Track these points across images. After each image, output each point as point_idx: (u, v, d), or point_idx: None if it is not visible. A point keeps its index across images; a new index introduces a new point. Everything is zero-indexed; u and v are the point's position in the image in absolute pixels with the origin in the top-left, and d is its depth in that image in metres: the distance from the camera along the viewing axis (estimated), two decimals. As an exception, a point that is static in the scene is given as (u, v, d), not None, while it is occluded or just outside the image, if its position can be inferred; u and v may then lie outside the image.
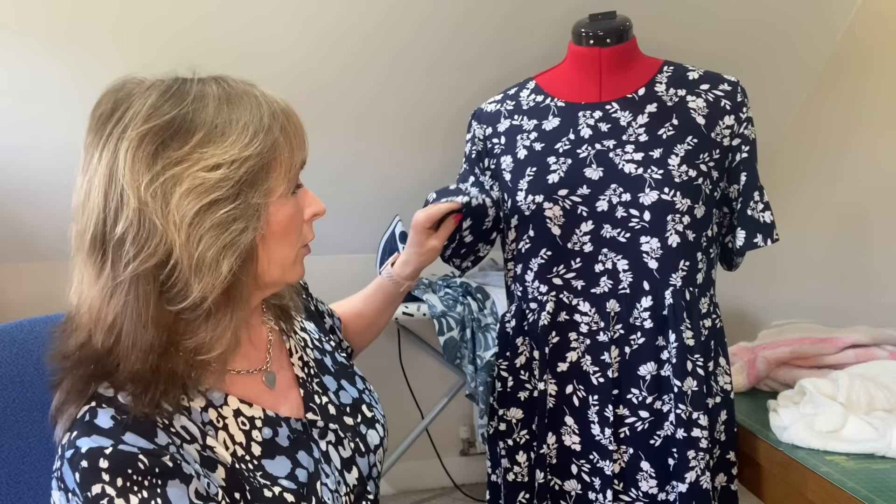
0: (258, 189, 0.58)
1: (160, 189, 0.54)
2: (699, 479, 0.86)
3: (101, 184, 0.55)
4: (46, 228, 1.83)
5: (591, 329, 0.91)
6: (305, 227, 0.66)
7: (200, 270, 0.55)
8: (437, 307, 1.75)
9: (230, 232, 0.56)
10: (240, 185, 0.56)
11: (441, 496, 2.20)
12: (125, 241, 0.54)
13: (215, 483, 0.56)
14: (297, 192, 0.64)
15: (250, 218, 0.57)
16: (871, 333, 1.11)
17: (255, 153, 0.57)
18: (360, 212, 1.99)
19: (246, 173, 0.56)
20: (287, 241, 0.63)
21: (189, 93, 0.57)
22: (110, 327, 0.55)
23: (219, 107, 0.57)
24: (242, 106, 0.58)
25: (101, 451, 0.51)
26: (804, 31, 1.73)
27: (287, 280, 0.66)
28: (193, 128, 0.56)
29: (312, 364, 0.74)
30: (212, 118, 0.56)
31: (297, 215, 0.64)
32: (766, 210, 0.92)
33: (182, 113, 0.56)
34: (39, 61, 1.51)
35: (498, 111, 1.02)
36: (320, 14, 1.54)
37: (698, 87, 0.94)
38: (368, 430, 0.73)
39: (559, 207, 0.91)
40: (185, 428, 0.58)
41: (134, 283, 0.54)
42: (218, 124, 0.56)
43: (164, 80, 0.59)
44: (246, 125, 0.57)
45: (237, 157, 0.56)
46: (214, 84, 0.59)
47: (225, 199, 0.55)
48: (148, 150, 0.54)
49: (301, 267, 0.67)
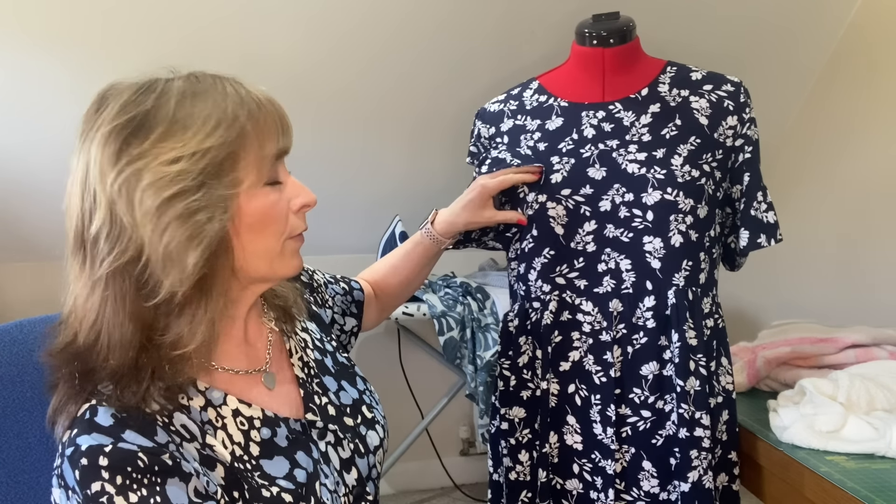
0: (222, 179, 0.57)
1: (124, 185, 0.55)
2: (701, 479, 0.87)
3: (79, 183, 0.57)
4: (46, 228, 1.82)
5: (594, 328, 0.91)
6: (293, 218, 0.64)
7: (167, 264, 0.55)
8: (437, 307, 1.75)
9: (193, 223, 0.55)
10: (202, 177, 0.56)
11: (441, 496, 2.20)
12: (99, 240, 0.55)
13: (214, 482, 0.56)
14: (279, 182, 0.63)
15: (215, 209, 0.56)
16: (871, 333, 1.12)
17: (217, 144, 0.56)
18: (360, 212, 1.99)
19: (209, 164, 0.56)
20: (266, 232, 0.61)
21: (155, 90, 0.58)
22: (92, 324, 0.56)
23: (181, 101, 0.57)
24: (206, 99, 0.58)
25: (100, 448, 0.51)
26: (805, 31, 1.74)
27: (280, 273, 0.65)
28: (154, 123, 0.56)
29: (313, 364, 0.74)
30: (172, 112, 0.57)
31: (276, 206, 0.62)
32: (770, 210, 0.92)
33: (143, 110, 0.56)
34: (38, 61, 1.51)
35: (501, 111, 1.02)
36: (321, 15, 1.54)
37: (701, 88, 0.94)
38: (368, 431, 0.72)
39: (562, 207, 0.91)
40: (185, 426, 0.58)
41: (111, 281, 0.55)
42: (179, 118, 0.56)
43: (138, 81, 0.59)
44: (208, 117, 0.57)
45: (197, 148, 0.56)
46: (184, 80, 0.59)
47: (186, 190, 0.55)
48: (112, 147, 0.55)
49: (295, 259, 0.66)
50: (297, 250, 0.66)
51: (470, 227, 0.93)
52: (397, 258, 0.95)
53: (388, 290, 0.94)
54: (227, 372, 0.64)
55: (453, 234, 0.92)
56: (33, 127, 1.63)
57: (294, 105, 0.66)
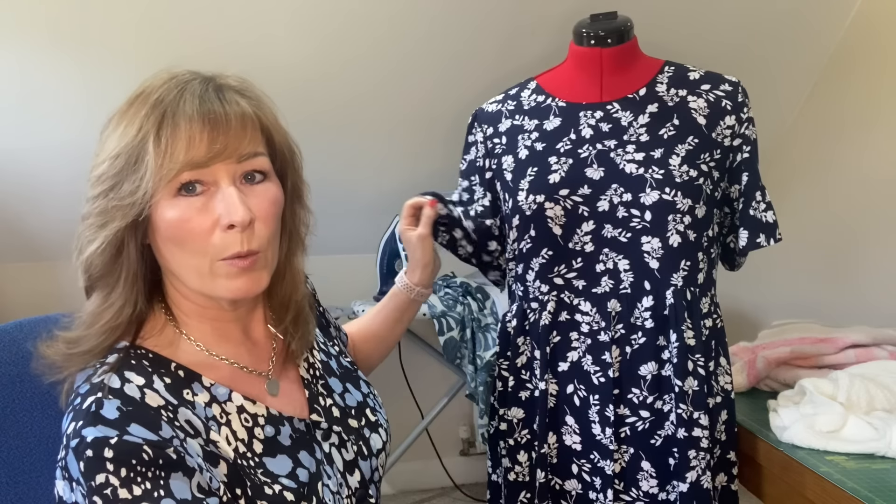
0: (122, 189, 0.58)
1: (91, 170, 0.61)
2: (700, 479, 0.87)
3: None
4: (47, 229, 1.82)
5: (592, 329, 0.91)
6: (221, 236, 0.59)
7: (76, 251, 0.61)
8: (437, 307, 1.76)
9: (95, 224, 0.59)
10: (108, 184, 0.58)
11: (441, 496, 2.20)
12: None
13: (217, 478, 0.56)
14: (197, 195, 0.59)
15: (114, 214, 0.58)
16: (871, 333, 1.12)
17: (121, 153, 0.58)
18: (360, 212, 1.99)
19: (115, 172, 0.58)
20: (183, 247, 0.59)
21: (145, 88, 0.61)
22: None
23: (121, 110, 0.60)
24: (132, 109, 0.59)
25: (106, 440, 0.52)
26: (804, 32, 1.74)
27: (217, 294, 0.61)
28: (106, 127, 0.61)
29: (318, 366, 0.74)
30: (113, 120, 0.61)
31: (189, 221, 0.58)
32: (769, 210, 0.92)
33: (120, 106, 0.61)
34: (41, 62, 1.51)
35: (499, 111, 1.02)
36: (322, 15, 1.54)
37: (699, 88, 0.94)
38: (372, 434, 0.73)
39: (560, 207, 0.91)
40: (189, 422, 0.58)
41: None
42: (112, 126, 0.60)
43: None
44: (122, 129, 0.59)
45: (107, 155, 0.59)
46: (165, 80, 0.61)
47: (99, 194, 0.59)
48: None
49: (234, 282, 0.60)
50: (234, 273, 0.60)
51: (421, 260, 0.92)
52: (371, 315, 0.94)
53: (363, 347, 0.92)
54: (233, 366, 0.65)
55: (419, 279, 0.92)
56: (34, 129, 1.64)
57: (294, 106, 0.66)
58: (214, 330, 0.66)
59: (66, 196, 1.88)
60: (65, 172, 1.70)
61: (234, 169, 0.60)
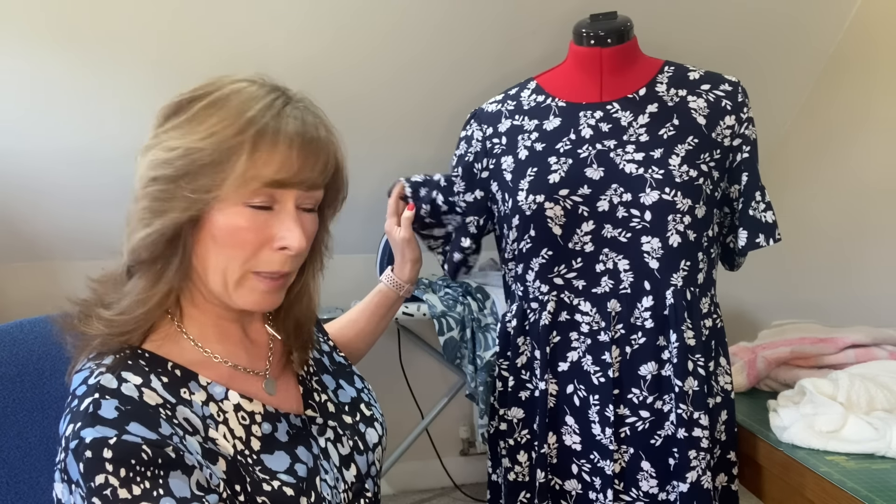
0: (196, 182, 0.58)
1: (143, 150, 0.61)
2: (700, 479, 0.87)
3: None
4: (46, 228, 1.82)
5: (592, 329, 0.91)
6: (267, 254, 0.62)
7: (128, 227, 0.61)
8: (437, 307, 1.76)
9: (152, 207, 0.59)
10: (180, 172, 0.59)
11: (441, 496, 2.20)
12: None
13: (216, 475, 0.57)
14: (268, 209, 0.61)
15: (176, 204, 0.59)
16: (871, 333, 1.12)
17: (207, 148, 0.58)
18: (360, 212, 1.99)
19: (190, 163, 0.58)
20: (226, 252, 0.60)
21: (219, 86, 0.62)
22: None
23: (216, 101, 0.60)
24: (231, 106, 0.60)
25: (104, 441, 0.52)
26: (804, 32, 1.74)
27: (235, 302, 0.63)
28: (188, 111, 0.61)
29: (312, 363, 0.75)
30: (200, 108, 0.60)
31: (247, 231, 0.60)
32: (768, 210, 0.92)
33: (186, 98, 0.61)
34: (42, 63, 1.51)
35: (499, 111, 1.02)
36: (322, 15, 1.54)
37: (699, 88, 0.94)
38: (367, 429, 0.73)
39: (560, 207, 0.91)
40: (188, 419, 0.58)
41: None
42: (199, 115, 0.60)
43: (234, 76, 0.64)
44: (216, 123, 0.59)
45: (190, 145, 0.59)
46: (247, 83, 0.62)
47: (162, 178, 0.59)
48: (158, 118, 0.62)
49: (255, 296, 0.63)
50: (263, 290, 0.63)
51: (408, 258, 0.96)
52: (355, 311, 0.97)
53: (344, 342, 0.94)
54: (229, 367, 0.65)
55: (407, 276, 0.96)
56: (35, 129, 1.64)
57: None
58: (216, 327, 0.66)
59: (67, 196, 1.88)
60: (65, 173, 1.70)
61: (300, 195, 0.63)
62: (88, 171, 1.70)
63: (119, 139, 1.61)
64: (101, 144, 1.65)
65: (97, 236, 0.65)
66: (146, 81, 1.51)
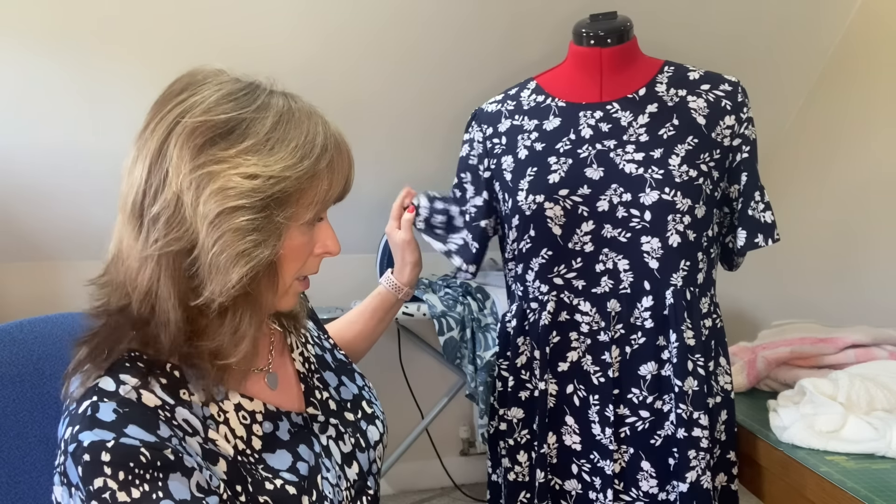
0: (284, 210, 0.58)
1: (195, 181, 0.55)
2: (700, 479, 0.87)
3: (149, 157, 0.57)
4: (46, 228, 1.82)
5: (592, 329, 0.91)
6: (311, 260, 0.65)
7: (213, 271, 0.56)
8: (437, 307, 1.76)
9: (246, 241, 0.56)
10: (268, 201, 0.57)
11: (441, 496, 2.20)
12: (159, 220, 0.56)
13: (217, 476, 0.57)
14: (316, 223, 0.64)
15: (270, 234, 0.58)
16: (871, 333, 1.11)
17: (295, 176, 0.58)
18: (360, 212, 1.99)
19: (279, 192, 0.57)
20: (287, 267, 0.62)
21: (256, 100, 0.59)
22: (146, 295, 0.57)
23: (277, 122, 0.58)
24: (300, 128, 0.59)
25: (103, 444, 0.52)
26: (803, 33, 1.74)
27: (277, 307, 0.65)
28: (245, 135, 0.57)
29: (313, 360, 0.75)
30: (267, 131, 0.58)
31: (307, 246, 0.63)
32: (767, 210, 0.92)
33: (241, 117, 0.57)
34: (40, 61, 1.51)
35: (499, 111, 1.02)
36: (325, 15, 1.54)
37: (699, 88, 0.94)
38: (369, 427, 0.73)
39: (560, 207, 0.91)
40: (187, 420, 0.58)
41: (161, 262, 0.56)
42: (270, 138, 0.58)
43: (240, 80, 0.60)
44: (296, 147, 0.58)
45: (277, 174, 0.57)
46: (283, 99, 0.61)
47: (250, 207, 0.56)
48: (197, 141, 0.56)
49: (294, 298, 0.66)
50: (298, 290, 0.66)
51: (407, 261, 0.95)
52: (354, 312, 0.97)
53: (343, 343, 0.94)
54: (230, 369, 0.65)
55: (407, 279, 0.95)
56: (35, 128, 1.64)
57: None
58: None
59: (67, 196, 1.88)
60: (65, 172, 1.70)
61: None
62: (89, 171, 1.70)
63: (119, 139, 1.61)
64: (101, 144, 1.65)
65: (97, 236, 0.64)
66: (146, 82, 1.52)
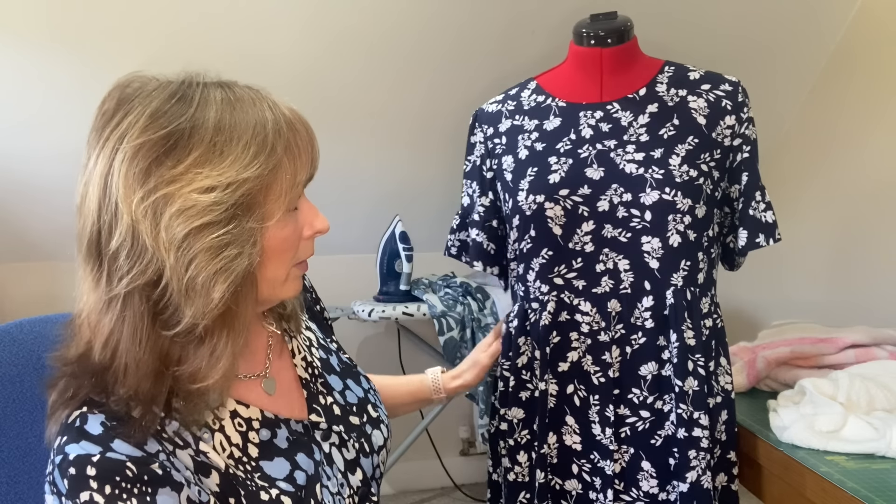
0: (254, 213, 0.55)
1: (151, 207, 0.52)
2: (700, 479, 0.87)
3: (96, 192, 0.53)
4: (46, 228, 1.82)
5: (593, 329, 0.91)
6: (303, 245, 0.63)
7: (191, 295, 0.53)
8: (437, 307, 1.76)
9: (222, 258, 0.53)
10: (234, 210, 0.53)
11: (441, 496, 2.20)
12: (119, 256, 0.53)
13: (207, 490, 0.56)
14: (296, 208, 0.61)
15: (244, 243, 0.54)
16: (871, 333, 1.11)
17: (254, 176, 0.54)
18: (360, 212, 1.99)
19: (242, 196, 0.54)
20: (278, 261, 0.60)
21: (192, 102, 0.55)
22: (107, 340, 0.54)
23: (220, 121, 0.54)
24: (246, 121, 0.55)
25: (88, 458, 0.51)
26: (803, 34, 1.74)
27: (280, 296, 0.64)
28: (191, 144, 0.53)
29: (317, 364, 0.73)
30: (211, 135, 0.54)
31: (293, 235, 0.60)
32: (768, 210, 0.92)
33: (180, 128, 0.53)
34: (40, 62, 1.51)
35: (499, 111, 1.02)
36: (323, 16, 1.54)
37: (699, 88, 0.94)
38: (373, 431, 0.72)
39: (560, 207, 0.91)
40: (178, 433, 0.57)
41: (129, 300, 0.53)
42: (217, 142, 0.54)
43: (171, 83, 0.57)
44: (247, 144, 0.54)
45: (233, 179, 0.53)
46: (220, 91, 0.56)
47: (217, 222, 0.53)
48: (142, 165, 0.52)
49: (296, 283, 0.64)
50: (298, 275, 0.64)
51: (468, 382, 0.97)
52: (388, 379, 0.94)
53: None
54: None
55: (452, 389, 0.97)
56: (34, 128, 1.64)
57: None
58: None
59: (67, 196, 1.88)
60: (65, 172, 1.70)
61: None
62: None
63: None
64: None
65: (97, 236, 0.64)
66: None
